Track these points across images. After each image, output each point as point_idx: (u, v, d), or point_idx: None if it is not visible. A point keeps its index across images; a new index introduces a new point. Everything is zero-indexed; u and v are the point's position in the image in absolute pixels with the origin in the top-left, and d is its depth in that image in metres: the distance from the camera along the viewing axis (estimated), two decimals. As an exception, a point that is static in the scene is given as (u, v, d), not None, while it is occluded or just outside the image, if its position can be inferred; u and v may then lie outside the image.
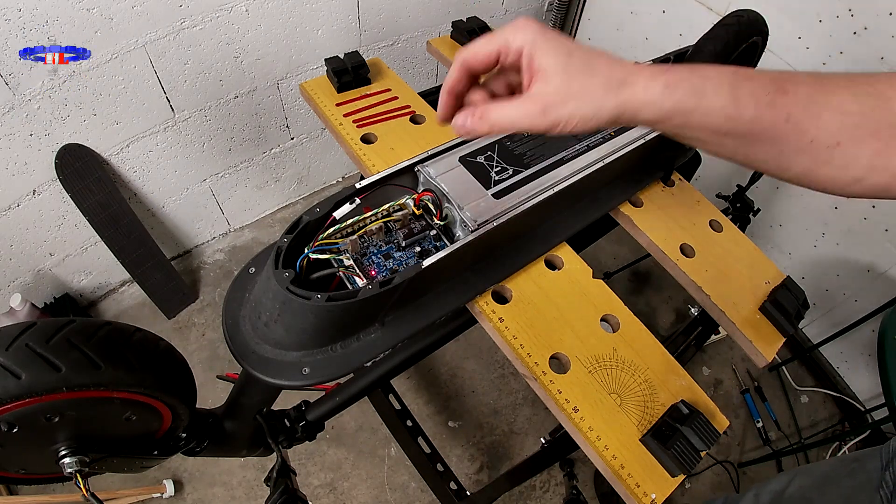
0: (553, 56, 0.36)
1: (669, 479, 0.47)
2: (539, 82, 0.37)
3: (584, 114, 0.37)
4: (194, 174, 1.48)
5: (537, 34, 0.37)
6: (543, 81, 0.37)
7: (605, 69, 0.37)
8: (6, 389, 0.33)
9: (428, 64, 1.77)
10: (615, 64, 0.37)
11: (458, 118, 0.39)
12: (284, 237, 0.45)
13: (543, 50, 0.36)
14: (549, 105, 0.36)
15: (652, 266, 1.79)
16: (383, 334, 0.47)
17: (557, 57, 0.36)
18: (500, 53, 0.38)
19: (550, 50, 0.36)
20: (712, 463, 1.45)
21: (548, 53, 0.36)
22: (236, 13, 1.21)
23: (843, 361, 1.60)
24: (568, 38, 0.37)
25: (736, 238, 0.70)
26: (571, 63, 0.36)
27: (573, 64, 0.36)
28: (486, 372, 1.52)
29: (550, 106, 0.36)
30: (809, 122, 0.35)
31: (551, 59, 0.36)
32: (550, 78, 0.36)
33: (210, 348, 1.48)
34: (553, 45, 0.36)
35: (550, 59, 0.36)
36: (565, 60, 0.36)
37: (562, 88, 0.36)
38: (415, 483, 1.32)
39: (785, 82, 0.36)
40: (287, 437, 0.66)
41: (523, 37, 0.37)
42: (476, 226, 0.49)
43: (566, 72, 0.36)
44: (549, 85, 0.36)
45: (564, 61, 0.36)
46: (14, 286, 1.31)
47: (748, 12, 0.72)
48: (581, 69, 0.36)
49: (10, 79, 1.00)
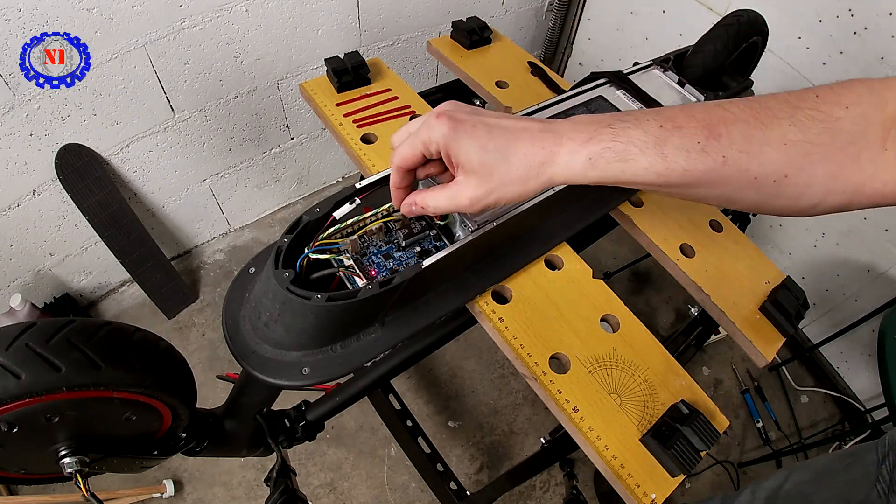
0: (466, 153, 0.37)
1: (669, 479, 0.47)
2: (460, 175, 0.39)
3: (509, 199, 0.39)
4: (194, 174, 1.48)
5: (448, 134, 0.37)
6: (464, 175, 0.38)
7: (522, 157, 0.37)
8: (6, 389, 0.33)
9: (428, 64, 1.77)
10: (536, 143, 0.37)
11: (403, 209, 0.43)
12: (284, 237, 0.45)
13: (456, 148, 0.37)
14: (474, 199, 0.38)
15: (652, 266, 1.79)
16: (383, 334, 0.47)
17: (471, 154, 0.37)
18: (424, 153, 0.39)
19: (463, 148, 0.37)
20: (712, 463, 1.45)
21: (461, 151, 0.37)
22: (236, 13, 1.21)
23: (843, 361, 1.60)
24: (482, 127, 0.37)
25: (736, 238, 0.70)
26: (486, 158, 0.37)
27: (489, 158, 0.37)
28: (486, 372, 1.52)
29: (474, 199, 0.38)
30: (750, 161, 0.35)
31: (464, 156, 0.37)
32: (469, 174, 0.38)
33: (210, 348, 1.48)
34: (465, 142, 0.37)
35: (463, 157, 0.37)
36: (479, 156, 0.37)
37: (482, 184, 0.38)
38: (415, 483, 1.32)
39: (717, 125, 0.35)
40: (287, 437, 0.66)
41: (437, 139, 0.37)
42: (476, 226, 0.49)
43: (482, 167, 0.37)
44: (470, 180, 0.38)
45: (478, 157, 0.37)
46: (14, 286, 1.31)
47: (748, 12, 0.72)
48: (496, 162, 0.37)
49: (10, 79, 1.01)
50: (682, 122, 0.36)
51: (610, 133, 0.36)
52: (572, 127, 0.38)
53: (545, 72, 0.86)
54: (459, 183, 0.39)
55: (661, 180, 0.36)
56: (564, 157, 0.37)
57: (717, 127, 0.35)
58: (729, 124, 0.35)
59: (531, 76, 0.86)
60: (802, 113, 0.34)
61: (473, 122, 0.37)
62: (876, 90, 0.34)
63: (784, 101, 0.35)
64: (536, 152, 0.37)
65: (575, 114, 0.63)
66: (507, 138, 0.37)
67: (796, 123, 0.34)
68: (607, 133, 0.37)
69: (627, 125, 0.36)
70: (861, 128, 0.33)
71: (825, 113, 0.34)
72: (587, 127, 0.37)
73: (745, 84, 0.74)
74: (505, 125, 0.38)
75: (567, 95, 0.66)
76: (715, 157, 0.35)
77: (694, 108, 0.37)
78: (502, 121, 0.38)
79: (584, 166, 0.37)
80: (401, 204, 0.44)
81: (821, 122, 0.34)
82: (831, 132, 0.34)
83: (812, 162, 0.34)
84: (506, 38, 0.93)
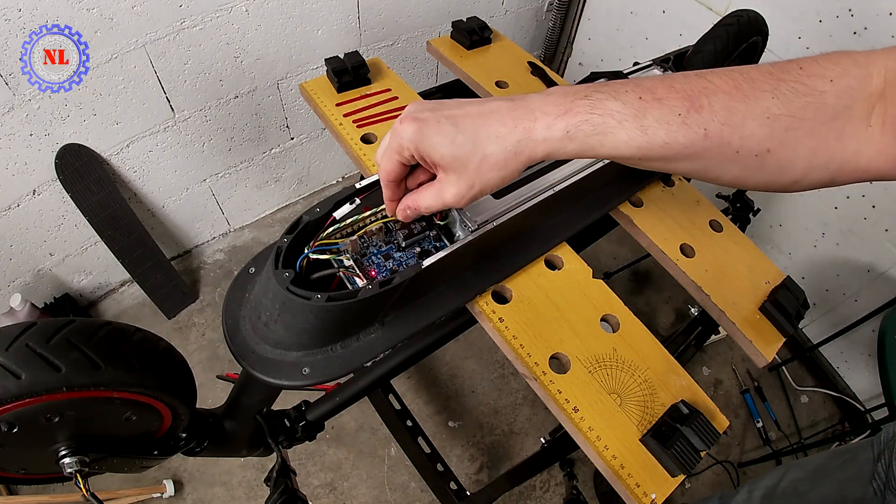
0: (438, 151, 0.36)
1: (669, 479, 0.47)
2: (440, 173, 0.38)
3: (495, 183, 0.38)
4: (194, 174, 1.48)
5: (414, 133, 0.36)
6: (442, 173, 0.38)
7: (495, 140, 0.36)
8: (6, 389, 0.33)
9: (428, 64, 1.77)
10: (507, 123, 0.36)
11: (399, 215, 0.42)
12: (284, 237, 0.45)
13: (427, 147, 0.36)
14: (458, 194, 0.38)
15: (652, 266, 1.79)
16: (383, 334, 0.47)
17: (443, 150, 0.36)
18: (404, 161, 0.39)
19: (433, 144, 0.36)
20: (712, 463, 1.45)
21: (433, 150, 0.36)
22: (236, 13, 1.22)
23: (843, 361, 1.60)
24: (445, 117, 0.36)
25: (736, 238, 0.70)
26: (458, 152, 0.36)
27: (460, 151, 0.36)
28: (486, 372, 1.52)
29: (459, 194, 0.38)
30: (731, 133, 0.33)
31: (437, 154, 0.36)
32: (446, 171, 0.37)
33: (210, 348, 1.48)
34: (434, 140, 0.36)
35: (437, 155, 0.36)
36: (451, 151, 0.36)
37: (462, 178, 0.37)
38: (415, 483, 1.32)
39: (699, 96, 0.34)
40: (287, 437, 0.66)
41: (406, 144, 0.37)
42: (476, 226, 0.49)
43: (456, 162, 0.36)
44: (449, 177, 0.37)
45: (451, 153, 0.36)
46: (14, 286, 1.31)
47: (748, 12, 0.72)
48: (469, 153, 0.36)
49: (10, 79, 1.01)
50: (662, 94, 0.34)
51: (587, 105, 0.35)
52: (545, 100, 0.36)
53: (545, 72, 0.86)
54: (441, 181, 0.38)
55: (641, 154, 0.35)
56: (541, 131, 0.36)
57: (699, 98, 0.34)
58: (711, 96, 0.34)
59: (531, 76, 0.86)
60: (786, 86, 0.33)
61: (437, 117, 0.36)
62: (861, 63, 0.33)
63: (767, 73, 0.34)
64: (509, 133, 0.36)
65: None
66: (475, 125, 0.36)
67: (779, 97, 0.33)
68: (583, 105, 0.35)
69: (604, 96, 0.35)
70: (846, 102, 0.33)
71: (809, 86, 0.33)
72: (562, 99, 0.36)
73: (745, 84, 0.74)
74: (470, 111, 0.37)
75: (567, 95, 0.66)
76: (696, 130, 0.34)
77: (674, 79, 0.35)
78: (467, 107, 0.37)
79: (561, 139, 0.35)
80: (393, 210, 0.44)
81: (805, 96, 0.33)
82: (815, 106, 0.33)
83: (795, 137, 0.33)
84: (506, 38, 0.93)
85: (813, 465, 0.73)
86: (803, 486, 0.70)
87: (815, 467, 0.72)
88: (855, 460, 0.67)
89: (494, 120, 0.36)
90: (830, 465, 0.71)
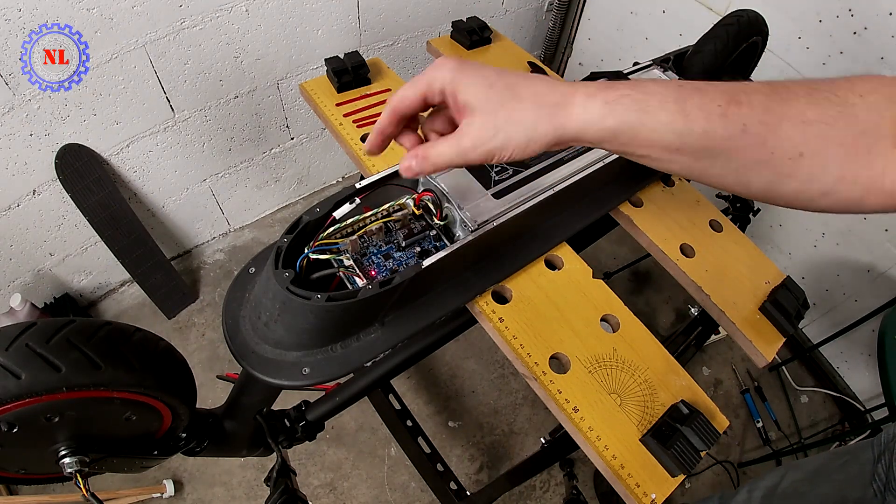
0: (473, 90, 0.36)
1: (669, 479, 0.47)
2: (465, 118, 0.37)
3: (518, 142, 0.36)
4: (194, 174, 1.48)
5: (454, 71, 0.36)
6: (469, 116, 0.37)
7: (532, 95, 0.36)
8: (6, 389, 0.33)
9: (428, 64, 1.76)
10: (546, 87, 0.36)
11: (403, 162, 0.39)
12: (284, 237, 0.45)
13: (463, 86, 0.36)
14: (478, 139, 0.36)
15: (652, 266, 1.79)
16: (383, 334, 0.47)
17: (478, 90, 0.36)
18: (426, 96, 0.38)
19: (470, 85, 0.36)
20: (712, 463, 1.45)
21: (468, 89, 0.36)
22: (236, 13, 1.22)
23: (843, 361, 1.60)
24: (490, 68, 0.37)
25: (736, 238, 0.70)
26: (492, 95, 0.36)
27: (494, 96, 0.36)
28: (486, 372, 1.52)
29: (479, 140, 0.36)
30: (768, 132, 0.34)
31: (471, 93, 0.36)
32: (474, 113, 0.36)
33: (210, 348, 1.48)
34: (472, 79, 0.36)
35: (471, 95, 0.36)
36: (486, 93, 0.36)
37: (487, 121, 0.36)
38: (415, 483, 1.32)
39: (738, 93, 0.34)
40: (287, 437, 0.66)
41: (442, 76, 0.37)
42: (476, 226, 0.49)
43: (489, 104, 0.36)
44: (475, 119, 0.36)
45: (485, 94, 0.36)
46: (14, 286, 1.31)
47: (748, 12, 0.72)
48: (504, 99, 0.36)
49: (10, 79, 1.01)
50: (702, 87, 0.35)
51: (627, 85, 0.35)
52: (585, 83, 0.37)
53: (545, 72, 0.86)
54: (464, 125, 0.37)
55: (680, 141, 0.35)
56: (580, 100, 0.35)
57: (738, 94, 0.34)
58: (749, 94, 0.34)
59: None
60: (819, 94, 0.34)
61: (479, 63, 0.37)
62: (888, 83, 0.34)
63: (801, 83, 0.35)
64: (549, 93, 0.36)
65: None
66: (516, 77, 0.36)
67: (813, 103, 0.34)
68: (624, 85, 0.36)
69: (644, 81, 0.36)
70: (874, 119, 0.33)
71: (840, 97, 0.33)
72: (602, 83, 0.37)
73: (745, 84, 0.74)
74: (511, 72, 0.37)
75: (567, 95, 0.66)
76: (735, 123, 0.34)
77: (714, 83, 0.36)
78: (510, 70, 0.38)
79: (601, 111, 0.35)
80: (374, 151, 0.41)
81: (837, 106, 0.33)
82: (846, 117, 0.33)
83: (827, 144, 0.33)
84: (506, 38, 0.93)
85: (813, 466, 0.73)
86: (803, 486, 0.70)
87: (815, 468, 0.72)
88: (855, 461, 0.67)
89: (537, 80, 0.37)
90: (830, 465, 0.71)
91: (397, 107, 0.39)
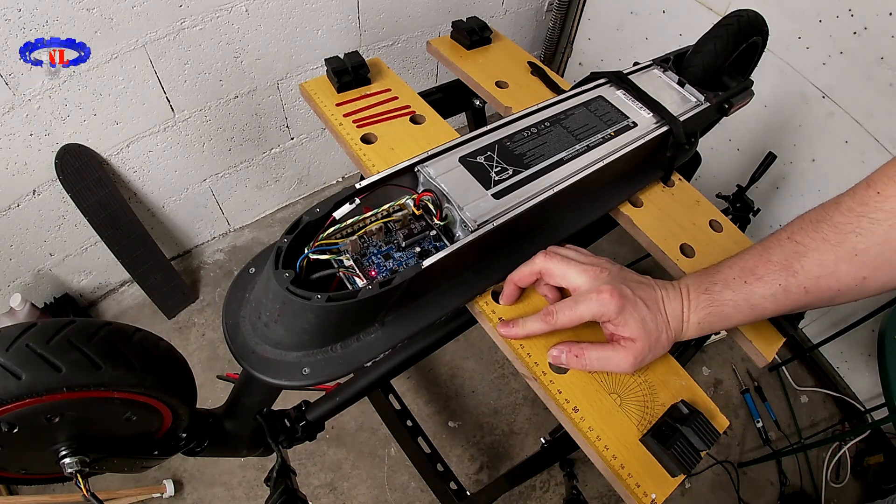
0: (636, 329, 0.46)
1: (669, 479, 0.47)
2: (628, 341, 0.47)
3: (656, 356, 0.49)
4: (194, 174, 1.48)
5: (619, 308, 0.45)
6: (631, 342, 0.46)
7: (665, 330, 0.47)
8: (6, 390, 0.33)
9: (428, 64, 1.77)
10: (671, 317, 0.47)
11: (554, 351, 0.49)
12: (284, 237, 0.45)
13: (623, 321, 0.46)
14: (638, 358, 0.47)
15: (652, 266, 1.79)
16: (383, 334, 0.47)
17: (639, 330, 0.46)
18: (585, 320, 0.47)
19: (633, 324, 0.46)
20: (712, 463, 1.45)
21: (627, 324, 0.46)
22: (236, 13, 1.22)
23: (843, 361, 1.60)
24: (640, 294, 0.47)
25: (736, 238, 0.70)
26: (648, 333, 0.46)
27: (649, 334, 0.46)
28: (486, 372, 1.52)
29: (639, 359, 0.47)
30: (828, 280, 0.40)
31: (631, 328, 0.46)
32: (637, 342, 0.46)
33: (210, 348, 1.48)
34: (632, 314, 0.46)
35: (631, 328, 0.46)
36: (644, 333, 0.46)
37: (645, 349, 0.46)
38: (415, 483, 1.32)
39: (792, 262, 0.41)
40: (287, 437, 0.66)
41: (611, 311, 0.45)
42: (476, 226, 0.49)
43: (649, 335, 0.46)
44: (636, 344, 0.46)
45: (644, 334, 0.46)
46: (14, 286, 1.31)
47: (748, 12, 0.72)
48: (654, 335, 0.46)
49: (10, 79, 1.01)
50: (762, 272, 0.43)
51: (707, 300, 0.46)
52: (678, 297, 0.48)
53: (545, 72, 0.86)
54: (625, 346, 0.47)
55: (755, 320, 0.46)
56: (687, 328, 0.48)
57: (792, 265, 0.41)
58: (802, 259, 0.41)
59: (531, 76, 0.86)
60: (866, 219, 0.38)
61: (634, 298, 0.46)
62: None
63: (848, 211, 0.39)
64: (673, 324, 0.48)
65: (575, 114, 0.64)
66: (656, 319, 0.47)
67: (862, 233, 0.38)
68: (710, 303, 0.46)
69: (720, 288, 0.46)
70: None
71: (888, 212, 0.37)
72: (693, 295, 0.48)
73: (744, 84, 0.74)
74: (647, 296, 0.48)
75: (567, 95, 0.66)
76: (797, 292, 0.41)
77: (770, 252, 0.44)
78: (645, 290, 0.48)
79: (696, 330, 0.48)
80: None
81: (885, 221, 0.37)
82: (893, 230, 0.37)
83: (887, 259, 0.38)
84: (506, 38, 0.93)
85: None
86: None
87: None
88: None
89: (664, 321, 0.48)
90: None
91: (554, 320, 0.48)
